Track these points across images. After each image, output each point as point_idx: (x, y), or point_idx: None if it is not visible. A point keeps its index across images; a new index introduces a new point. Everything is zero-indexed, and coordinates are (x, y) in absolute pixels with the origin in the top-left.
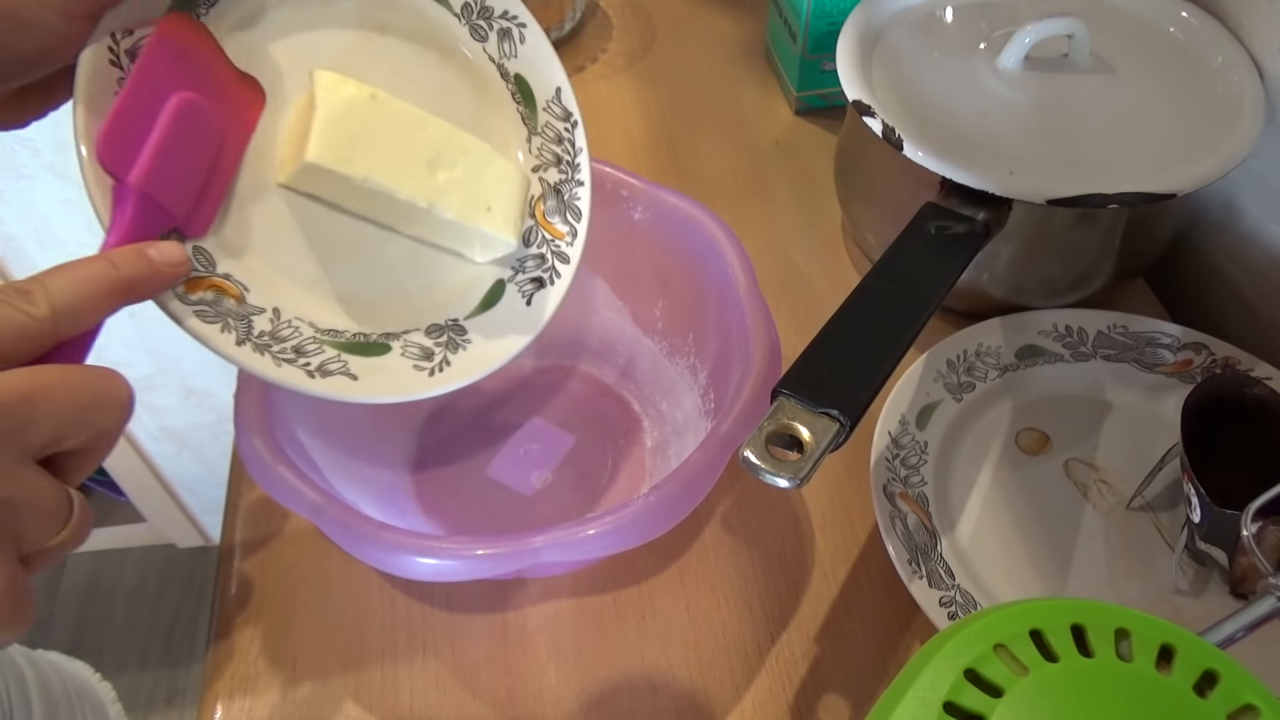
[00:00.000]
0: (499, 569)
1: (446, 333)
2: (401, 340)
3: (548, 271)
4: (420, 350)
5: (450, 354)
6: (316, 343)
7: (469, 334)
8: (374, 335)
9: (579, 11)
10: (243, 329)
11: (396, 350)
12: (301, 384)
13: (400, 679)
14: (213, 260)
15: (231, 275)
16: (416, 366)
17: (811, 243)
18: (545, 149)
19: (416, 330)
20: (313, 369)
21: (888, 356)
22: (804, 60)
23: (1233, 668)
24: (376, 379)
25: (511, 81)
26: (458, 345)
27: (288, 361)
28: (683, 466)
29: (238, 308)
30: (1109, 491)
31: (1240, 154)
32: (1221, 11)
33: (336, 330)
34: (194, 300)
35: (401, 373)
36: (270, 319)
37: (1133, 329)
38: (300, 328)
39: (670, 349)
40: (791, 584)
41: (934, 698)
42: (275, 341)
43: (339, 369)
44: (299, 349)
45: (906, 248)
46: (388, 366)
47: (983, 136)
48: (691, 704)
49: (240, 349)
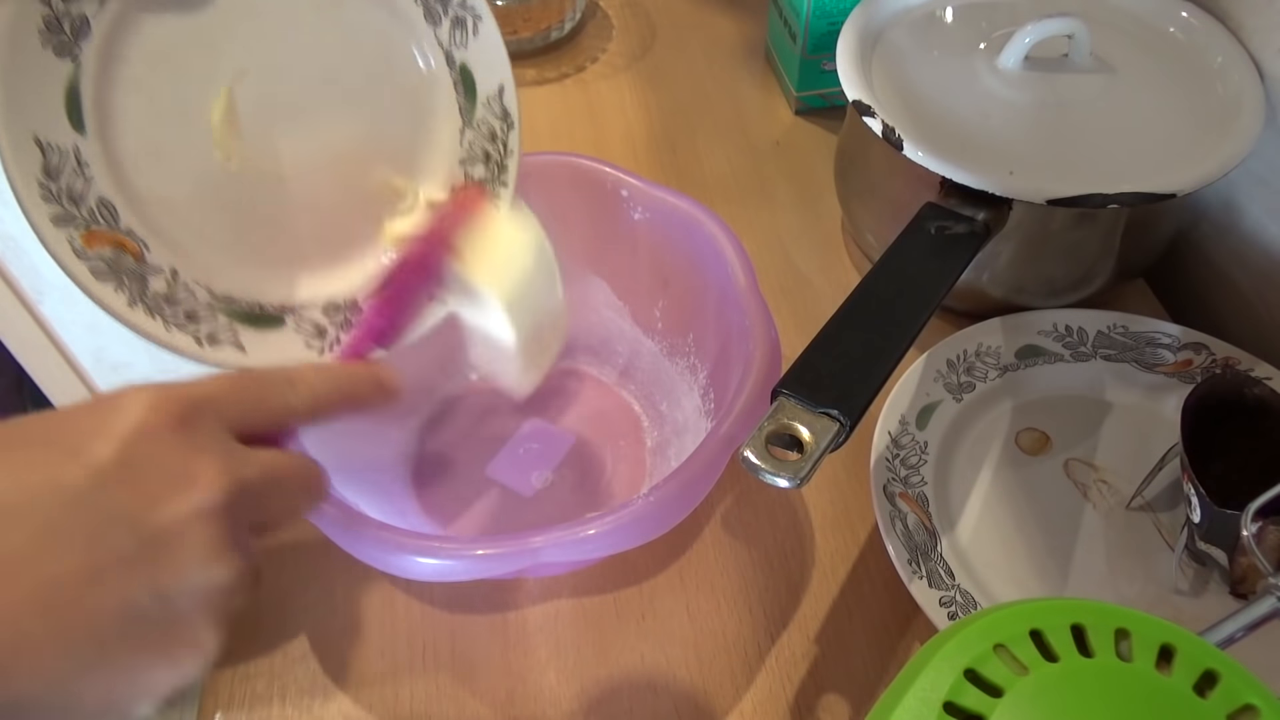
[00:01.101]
0: (499, 569)
1: (343, 311)
2: (296, 315)
3: None
4: (314, 327)
5: (343, 334)
6: (210, 309)
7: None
8: (269, 307)
9: (579, 11)
10: (137, 289)
11: (290, 325)
12: (190, 350)
13: (400, 679)
14: (116, 214)
15: (134, 231)
16: (307, 344)
17: (811, 243)
18: (476, 144)
19: (314, 307)
20: (202, 337)
21: (888, 356)
22: (804, 60)
23: (1233, 668)
24: (265, 351)
25: (456, 70)
26: (352, 325)
27: (178, 327)
28: (682, 467)
29: (136, 266)
30: (1109, 491)
31: (1240, 154)
32: (1221, 11)
33: (232, 297)
34: (92, 256)
35: (291, 347)
36: (167, 280)
37: (1133, 329)
38: (196, 291)
39: (670, 349)
40: (791, 584)
41: (934, 698)
42: (169, 304)
43: (228, 339)
44: (191, 314)
45: (906, 248)
46: (278, 340)
47: (983, 136)
48: (691, 704)
49: (132, 310)
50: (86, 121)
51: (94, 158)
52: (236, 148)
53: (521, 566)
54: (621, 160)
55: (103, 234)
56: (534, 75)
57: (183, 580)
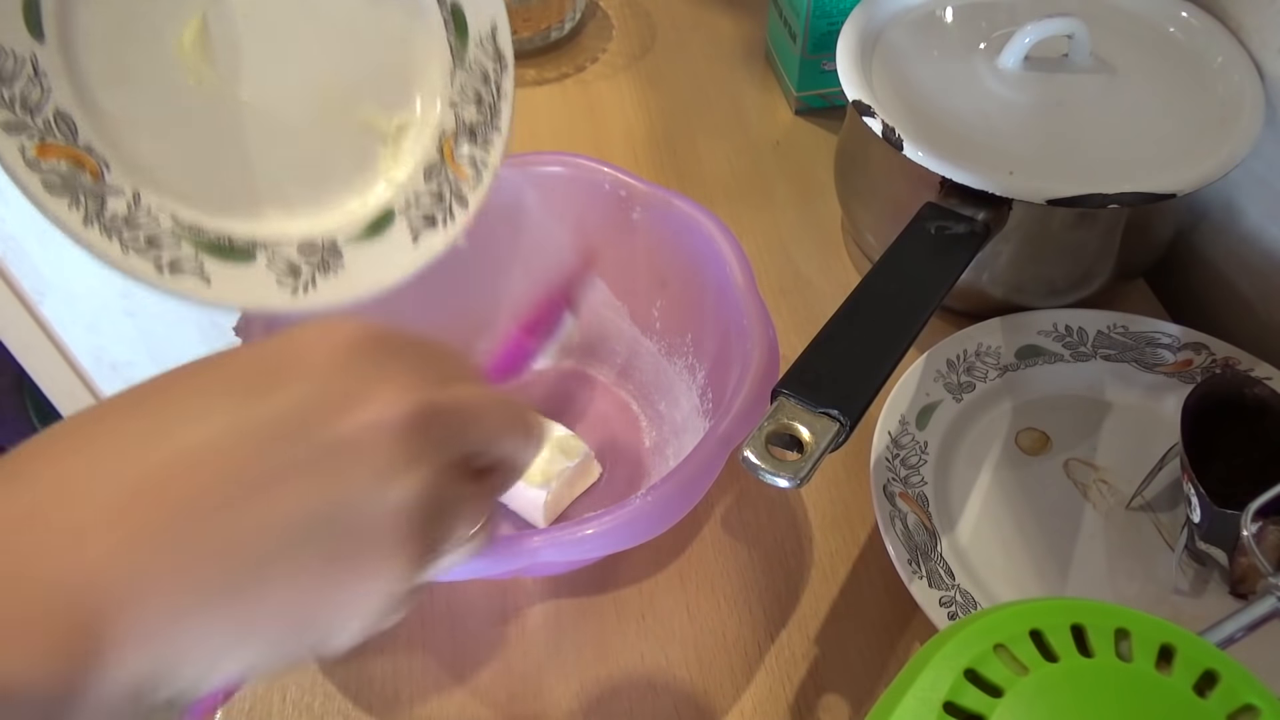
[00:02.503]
0: (496, 569)
1: (320, 252)
2: (270, 252)
3: (443, 211)
4: (287, 265)
5: (319, 275)
6: (174, 237)
7: (344, 258)
8: (240, 241)
9: (579, 11)
10: (94, 207)
11: (261, 261)
12: (148, 277)
13: (400, 679)
14: (75, 129)
15: (93, 148)
16: (280, 282)
17: (811, 243)
18: (468, 86)
19: (288, 244)
20: (163, 264)
21: (888, 356)
22: (804, 60)
23: (1233, 668)
24: (233, 286)
25: (447, 9)
26: (329, 268)
27: (137, 251)
28: (680, 467)
29: (94, 185)
30: (1109, 491)
31: (1240, 154)
32: (1221, 11)
33: (200, 227)
34: (45, 168)
35: (262, 284)
36: (128, 203)
37: (1133, 329)
38: (159, 217)
39: (669, 349)
40: (791, 584)
41: (934, 698)
42: (128, 228)
43: (192, 269)
44: (153, 240)
45: (906, 248)
46: (248, 275)
47: (983, 136)
48: (691, 704)
49: (88, 229)
50: (46, 30)
51: (53, 69)
52: (208, 75)
53: (519, 566)
54: (621, 160)
55: (58, 147)
56: (534, 75)
57: (359, 492)
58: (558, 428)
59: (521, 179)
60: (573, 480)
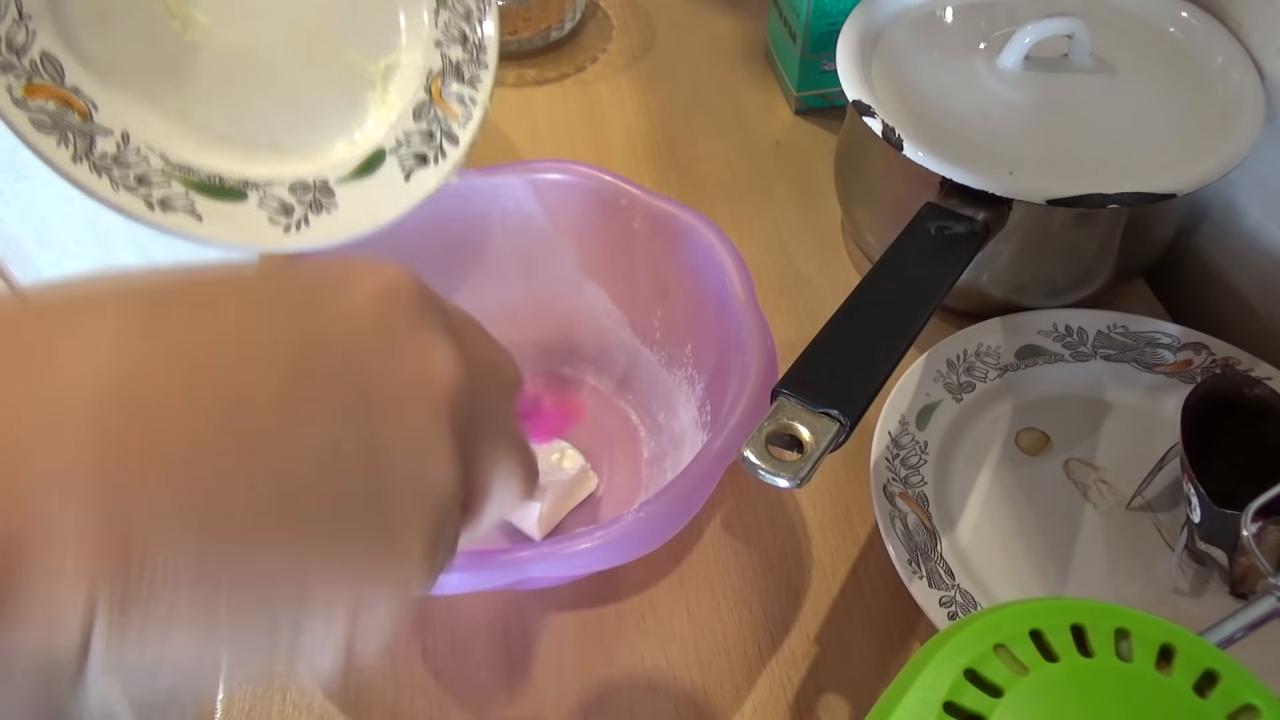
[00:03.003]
0: (485, 584)
1: (313, 192)
2: (261, 191)
3: (434, 149)
4: (279, 204)
5: (312, 214)
6: (165, 176)
7: (336, 197)
8: (231, 180)
9: (579, 11)
10: (83, 145)
11: (253, 200)
12: (139, 213)
13: (400, 679)
14: (61, 71)
15: (81, 90)
16: (272, 220)
17: (811, 243)
18: (452, 24)
19: (280, 184)
20: (153, 201)
21: (888, 356)
22: (804, 60)
23: (1233, 668)
24: (225, 224)
25: None
26: (322, 207)
27: (127, 189)
28: (674, 482)
29: (82, 124)
30: (1109, 491)
31: (1240, 154)
32: (1221, 11)
33: (190, 167)
34: (33, 107)
35: (254, 223)
36: (117, 143)
37: (1133, 329)
38: (149, 157)
39: (669, 359)
40: (791, 584)
41: (934, 698)
42: (117, 166)
43: (183, 206)
44: (143, 178)
45: (906, 248)
46: (240, 213)
47: (983, 136)
48: (691, 704)
49: (76, 166)
50: None
51: (38, 12)
52: (193, 19)
53: (510, 581)
54: (621, 160)
55: (46, 88)
56: (534, 75)
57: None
58: (555, 440)
59: (522, 186)
60: (569, 492)
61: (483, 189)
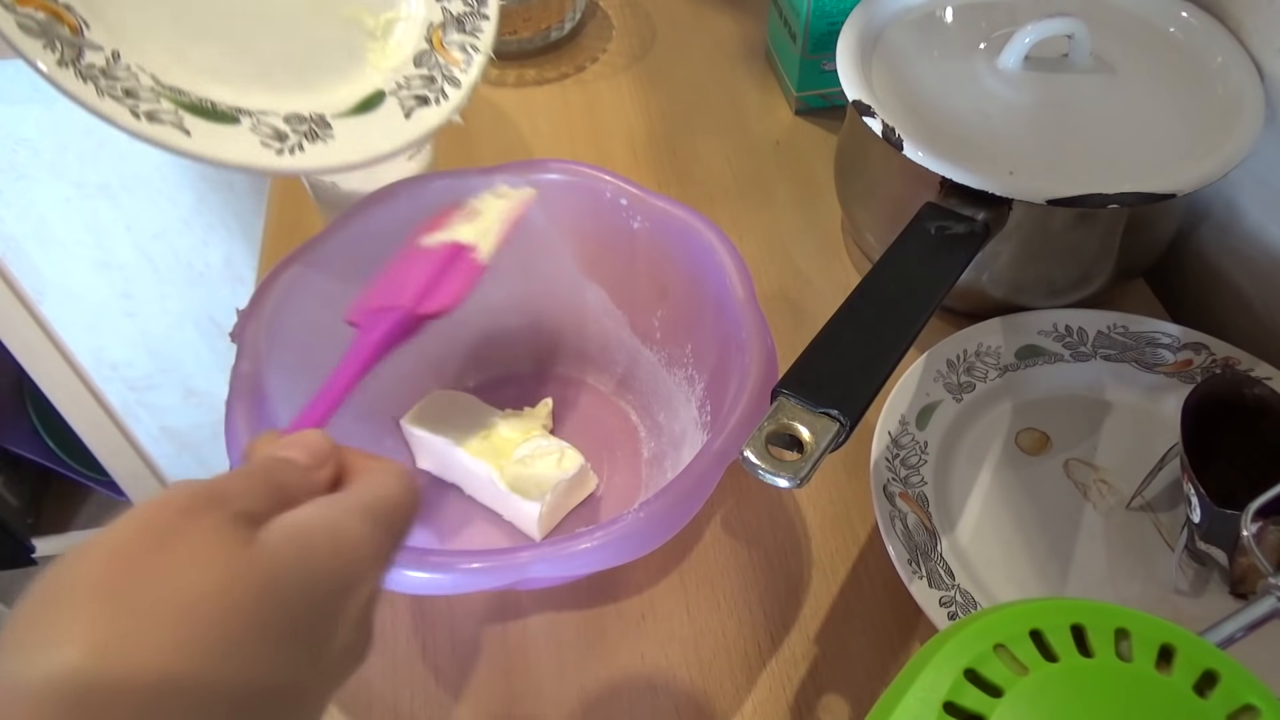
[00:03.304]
0: (485, 584)
1: (308, 124)
2: (254, 118)
3: (435, 92)
4: (273, 131)
5: (307, 142)
6: (154, 94)
7: (333, 130)
8: (224, 106)
9: (579, 11)
10: (70, 54)
11: (246, 124)
12: (125, 122)
13: (400, 679)
14: None
15: (73, 8)
16: (264, 144)
17: (811, 243)
18: None
19: (274, 114)
20: (140, 112)
21: (888, 356)
22: (804, 60)
23: (1233, 668)
24: (213, 140)
25: None
26: (317, 136)
27: (114, 98)
28: (674, 482)
29: (72, 37)
30: (1109, 491)
31: (1240, 154)
32: (1221, 11)
33: (182, 90)
34: (21, 12)
35: (246, 145)
36: (107, 59)
37: (1133, 329)
38: (139, 76)
39: (669, 359)
40: (791, 584)
41: (934, 698)
42: (105, 77)
43: (171, 121)
44: (131, 91)
45: (906, 248)
46: (231, 134)
47: (983, 136)
48: (691, 704)
49: (61, 70)
50: None
51: None
52: None
53: (509, 581)
54: (621, 160)
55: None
56: (534, 75)
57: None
58: (554, 439)
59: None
60: (569, 492)
61: (483, 189)
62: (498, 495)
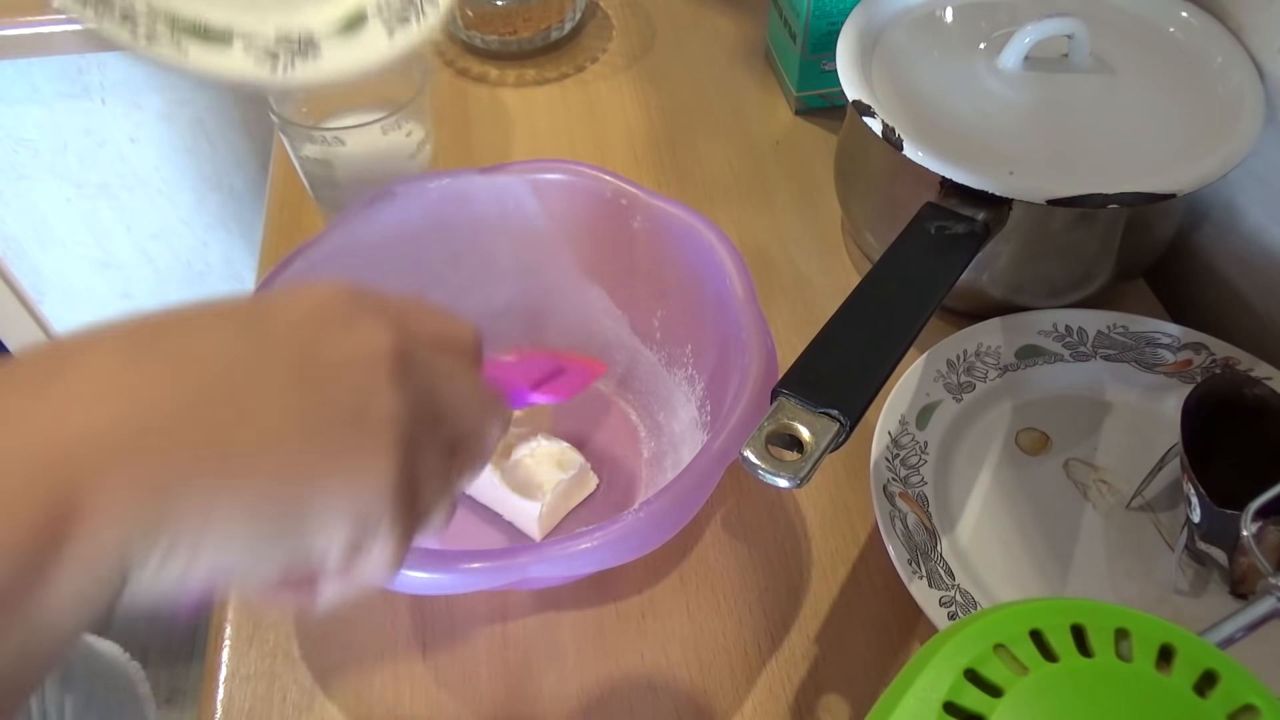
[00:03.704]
0: (485, 584)
1: (297, 43)
2: (246, 40)
3: (415, 11)
4: (265, 52)
5: (298, 59)
6: (150, 18)
7: (321, 49)
8: (216, 29)
9: (579, 11)
10: None
11: (239, 46)
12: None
13: (400, 679)
14: None
15: None
16: (257, 62)
17: (811, 243)
18: None
19: (264, 37)
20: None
21: (888, 356)
22: (804, 60)
23: (1233, 668)
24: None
25: None
26: (307, 55)
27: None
28: (674, 481)
29: None
30: (1109, 491)
31: (1240, 154)
32: (1221, 11)
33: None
34: None
35: (240, 63)
36: None
37: (1133, 329)
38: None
39: (669, 359)
40: (791, 584)
41: (934, 698)
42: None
43: (168, 40)
44: (128, 14)
45: (906, 248)
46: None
47: (983, 136)
48: (691, 704)
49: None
50: None
51: None
52: None
53: (509, 581)
54: (621, 160)
55: None
56: (534, 75)
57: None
58: (554, 440)
59: (522, 186)
60: (568, 492)
61: (483, 189)
62: (498, 495)
